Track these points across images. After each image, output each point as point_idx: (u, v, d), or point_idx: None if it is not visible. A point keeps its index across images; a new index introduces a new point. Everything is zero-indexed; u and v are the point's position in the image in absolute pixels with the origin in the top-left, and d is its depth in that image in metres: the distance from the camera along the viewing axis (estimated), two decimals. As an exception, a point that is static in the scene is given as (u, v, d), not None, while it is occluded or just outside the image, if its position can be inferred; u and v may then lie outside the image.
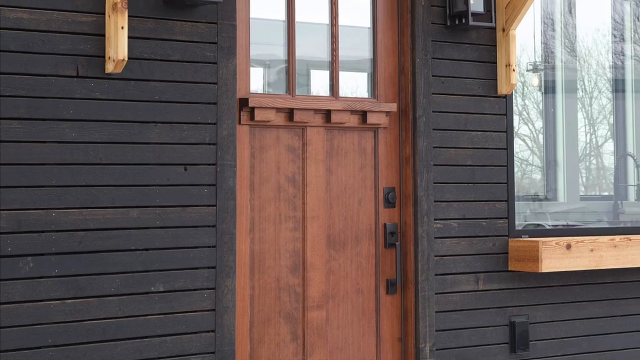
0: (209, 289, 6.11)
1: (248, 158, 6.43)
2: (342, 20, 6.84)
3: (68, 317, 5.68)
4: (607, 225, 8.25)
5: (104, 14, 5.80)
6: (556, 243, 7.08)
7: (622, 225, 8.28)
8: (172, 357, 5.98)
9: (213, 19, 6.18)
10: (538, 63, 8.09)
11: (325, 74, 6.83)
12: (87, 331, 5.72)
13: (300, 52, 6.69)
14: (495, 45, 7.25)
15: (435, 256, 6.93)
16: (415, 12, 6.93)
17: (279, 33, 6.66)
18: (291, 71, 6.62)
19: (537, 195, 8.11)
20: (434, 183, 6.95)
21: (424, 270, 6.85)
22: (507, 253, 7.23)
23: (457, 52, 7.12)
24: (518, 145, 7.84)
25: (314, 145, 6.65)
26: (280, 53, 6.67)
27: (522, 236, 7.33)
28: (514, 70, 7.19)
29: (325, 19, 6.82)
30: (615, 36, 8.47)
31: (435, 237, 6.93)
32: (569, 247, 7.12)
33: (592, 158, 8.64)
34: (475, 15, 7.03)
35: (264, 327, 6.45)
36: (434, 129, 6.96)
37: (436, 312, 6.90)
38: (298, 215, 6.59)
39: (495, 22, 7.21)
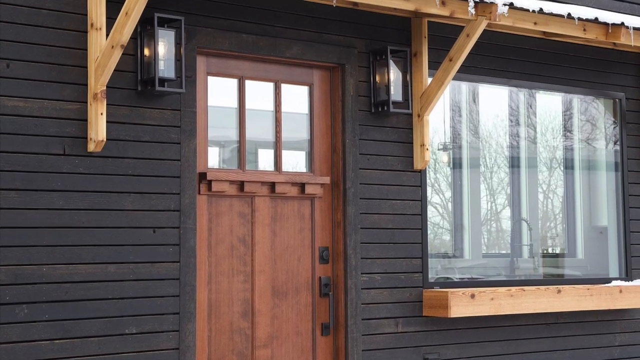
0: (173, 331, 6.13)
1: (206, 222, 6.46)
2: (284, 108, 6.92)
3: (56, 355, 5.71)
4: (505, 278, 8.26)
5: (87, 102, 5.88)
6: (462, 293, 7.15)
7: (517, 278, 8.28)
8: (143, 389, 6.03)
9: (177, 106, 6.25)
10: (447, 143, 8.08)
11: (271, 152, 6.89)
12: (73, 366, 5.78)
13: (249, 134, 6.74)
14: (412, 129, 7.33)
15: (362, 304, 6.98)
16: (345, 101, 7.04)
17: (232, 118, 6.73)
18: (242, 150, 6.69)
19: (447, 253, 8.06)
20: (361, 243, 7.02)
21: (352, 316, 6.92)
22: (422, 301, 7.26)
23: (380, 134, 7.21)
24: (431, 211, 7.78)
25: (261, 212, 6.70)
26: (233, 135, 6.74)
27: (434, 287, 7.36)
28: (427, 149, 7.27)
29: (271, 107, 6.88)
30: (511, 121, 8.46)
31: (362, 288, 6.99)
32: (473, 296, 7.19)
33: (492, 222, 8.57)
34: (395, 103, 7.13)
35: (220, 363, 6.45)
36: (360, 198, 7.05)
37: (363, 350, 6.95)
38: (248, 270, 6.63)
39: (412, 109, 7.28)
